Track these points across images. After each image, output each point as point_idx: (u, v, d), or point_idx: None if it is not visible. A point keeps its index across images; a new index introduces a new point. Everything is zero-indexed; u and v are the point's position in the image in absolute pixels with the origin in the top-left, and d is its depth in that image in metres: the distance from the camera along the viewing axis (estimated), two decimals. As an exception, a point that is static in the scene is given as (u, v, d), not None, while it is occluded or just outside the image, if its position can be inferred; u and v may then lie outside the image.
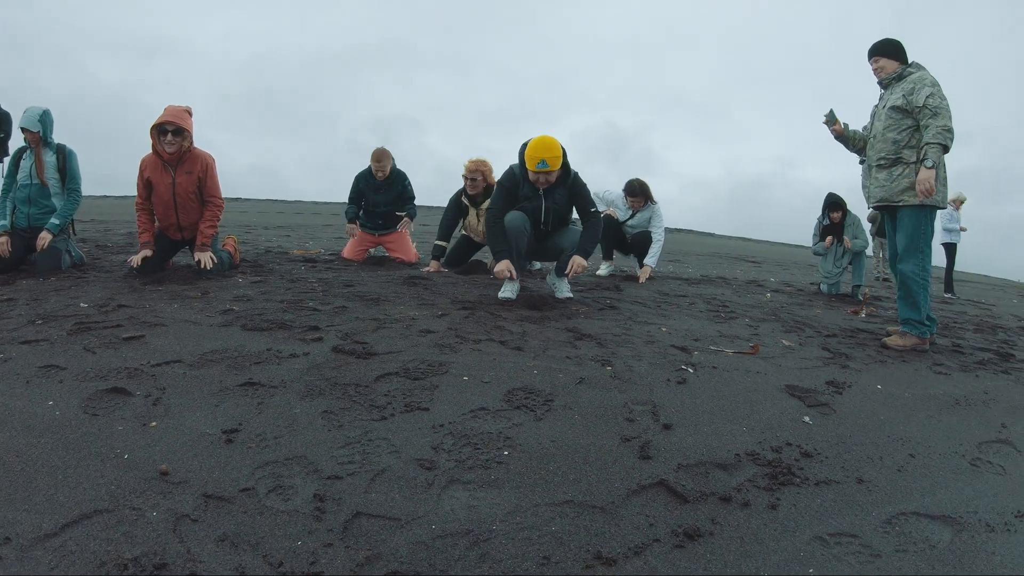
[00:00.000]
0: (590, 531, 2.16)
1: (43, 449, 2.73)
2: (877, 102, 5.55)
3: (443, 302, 5.51)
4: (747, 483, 2.57)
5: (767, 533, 2.25)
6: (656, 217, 8.36)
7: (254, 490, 2.34)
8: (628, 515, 2.25)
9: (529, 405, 3.10)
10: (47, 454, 2.69)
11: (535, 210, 5.79)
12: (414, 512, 2.21)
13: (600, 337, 4.49)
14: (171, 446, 2.67)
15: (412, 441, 2.71)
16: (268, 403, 3.08)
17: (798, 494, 2.54)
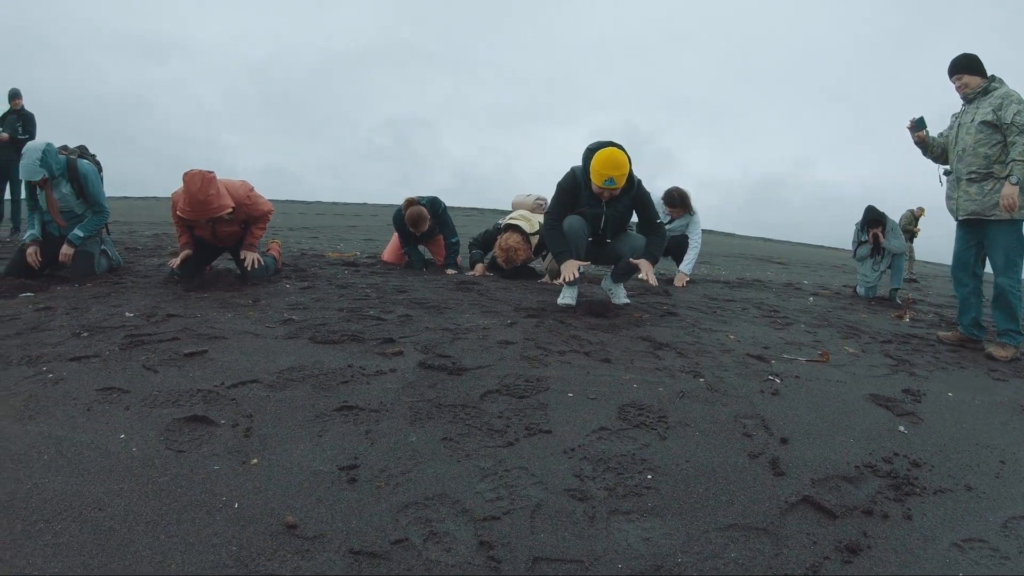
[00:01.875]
0: (766, 554, 2.12)
1: (130, 498, 2.33)
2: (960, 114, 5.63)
3: (506, 310, 5.42)
4: (877, 495, 2.57)
5: (913, 543, 2.27)
6: (694, 225, 8.56)
7: (408, 541, 2.09)
8: (790, 534, 2.23)
9: (647, 423, 3.02)
10: (137, 505, 2.29)
11: (595, 217, 5.65)
12: (592, 551, 2.07)
13: (677, 346, 4.45)
14: (285, 489, 2.38)
15: (551, 469, 2.57)
16: (377, 431, 2.85)
17: (923, 504, 2.56)
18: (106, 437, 2.79)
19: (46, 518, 2.21)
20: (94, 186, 6.47)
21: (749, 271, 11.48)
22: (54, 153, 6.21)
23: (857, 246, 8.97)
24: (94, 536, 2.12)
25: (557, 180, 5.71)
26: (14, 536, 2.11)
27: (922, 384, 4.19)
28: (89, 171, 6.45)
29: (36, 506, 2.28)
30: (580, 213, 5.63)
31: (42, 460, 2.59)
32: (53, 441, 2.74)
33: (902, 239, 8.85)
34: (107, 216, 6.69)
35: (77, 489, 2.38)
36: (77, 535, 2.13)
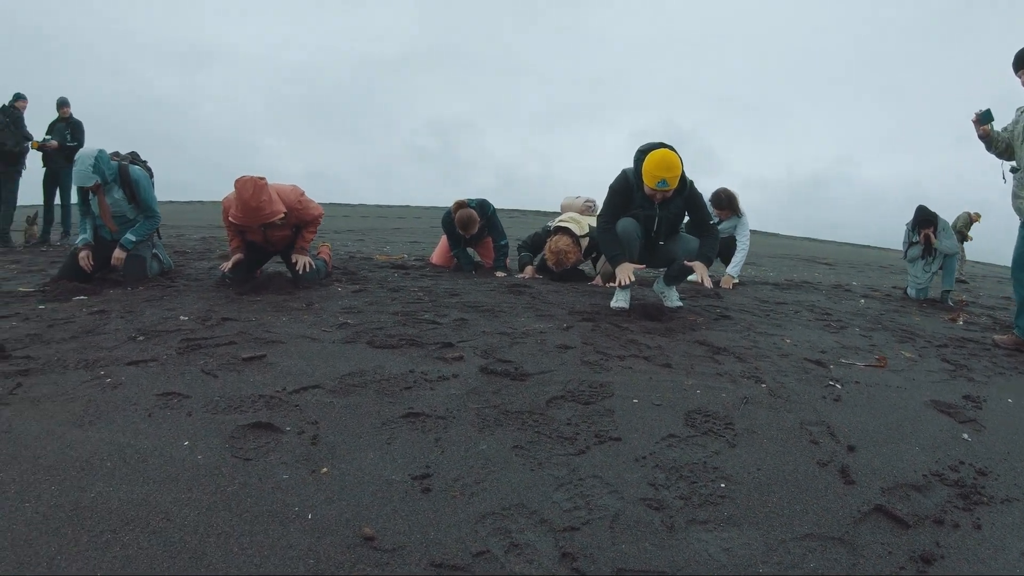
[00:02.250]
0: (844, 564, 2.07)
1: (198, 508, 2.24)
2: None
3: (560, 313, 5.39)
4: (947, 504, 2.51)
5: (985, 553, 2.21)
6: (741, 226, 8.45)
7: (490, 553, 2.01)
8: (865, 544, 2.18)
9: (714, 430, 2.97)
10: (206, 515, 2.20)
11: (648, 219, 5.63)
12: (674, 561, 2.02)
13: (734, 351, 4.41)
14: (359, 499, 2.30)
15: (625, 478, 2.50)
16: (447, 439, 2.79)
17: (991, 513, 2.49)
18: (169, 444, 2.72)
19: (113, 528, 2.13)
20: (145, 191, 6.53)
21: (797, 272, 11.32)
22: (106, 159, 6.27)
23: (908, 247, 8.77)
24: (164, 548, 2.03)
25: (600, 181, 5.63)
26: (80, 548, 2.03)
27: (981, 390, 4.11)
28: (140, 176, 6.50)
29: (102, 515, 2.20)
30: (633, 215, 5.62)
31: (105, 467, 2.52)
32: (115, 448, 2.67)
33: (954, 239, 8.66)
34: (158, 220, 6.75)
35: (143, 498, 2.31)
36: (146, 547, 2.04)
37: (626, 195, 5.58)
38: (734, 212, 8.29)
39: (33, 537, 2.08)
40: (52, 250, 10.17)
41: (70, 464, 2.54)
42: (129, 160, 6.71)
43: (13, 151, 10.41)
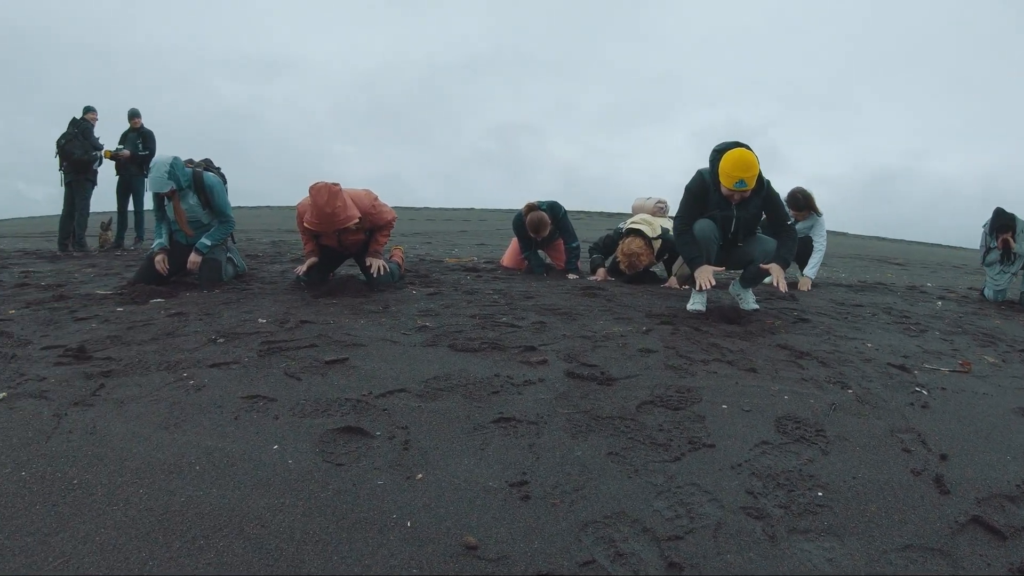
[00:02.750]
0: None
1: (293, 514, 2.18)
2: None
3: (637, 316, 5.32)
4: None
5: None
6: (818, 226, 8.21)
7: (596, 563, 1.97)
8: (964, 556, 2.11)
9: (806, 437, 2.91)
10: (302, 521, 2.14)
11: (725, 220, 5.49)
12: (778, 571, 1.99)
13: (817, 355, 4.31)
14: (457, 507, 2.26)
15: (723, 485, 2.47)
16: (540, 444, 2.74)
17: None
18: (258, 448, 2.67)
19: (206, 534, 2.07)
20: (219, 197, 6.64)
21: (869, 273, 11.01)
22: (181, 166, 6.39)
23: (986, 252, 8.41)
24: (260, 555, 1.97)
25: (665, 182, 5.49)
26: (172, 553, 1.98)
27: (1069, 397, 3.89)
28: (214, 183, 6.61)
29: (193, 521, 2.15)
30: (710, 216, 5.49)
31: (194, 471, 2.48)
32: (203, 451, 2.63)
33: None
34: (232, 225, 6.87)
35: (235, 503, 2.25)
36: (241, 554, 1.98)
37: (702, 196, 5.47)
38: (811, 211, 8.15)
39: (123, 542, 2.04)
40: (126, 254, 10.46)
41: (158, 467, 2.50)
42: (203, 167, 6.85)
43: (82, 159, 10.78)
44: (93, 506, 2.23)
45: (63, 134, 10.83)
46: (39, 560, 1.95)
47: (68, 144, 10.73)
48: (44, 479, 2.42)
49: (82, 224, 11.18)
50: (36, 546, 2.01)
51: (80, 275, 7.58)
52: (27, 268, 8.30)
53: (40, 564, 1.93)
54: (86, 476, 2.43)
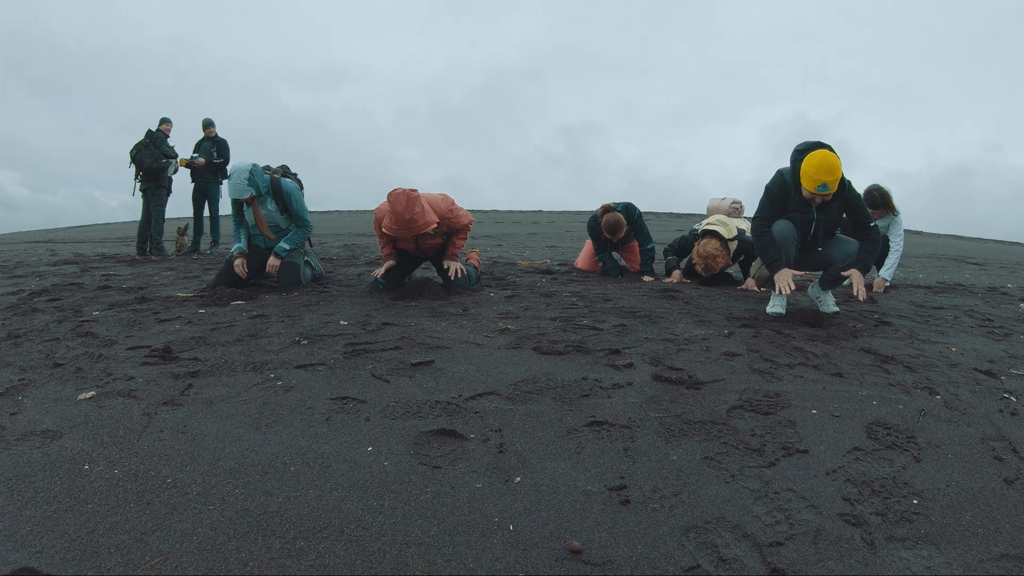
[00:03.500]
0: None
1: (393, 516, 2.17)
2: None
3: (717, 319, 5.27)
4: None
5: None
6: (895, 226, 7.92)
7: (700, 568, 1.97)
8: None
9: (898, 444, 2.87)
10: (402, 524, 2.13)
11: (805, 223, 5.39)
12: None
13: (902, 359, 4.23)
14: (558, 510, 2.25)
15: (819, 492, 2.45)
16: (635, 448, 2.73)
17: None
18: (352, 449, 2.68)
19: (305, 535, 2.07)
20: (297, 202, 6.77)
21: (946, 273, 10.69)
22: (259, 173, 6.54)
23: None
24: (362, 557, 1.96)
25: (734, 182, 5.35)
26: (272, 555, 1.97)
27: None
28: (292, 188, 6.75)
29: (292, 521, 2.15)
30: (789, 218, 5.40)
31: (289, 472, 2.48)
32: (297, 451, 2.65)
33: None
34: (310, 230, 7.00)
35: (333, 504, 2.25)
36: (343, 556, 1.97)
37: (783, 197, 5.37)
38: (888, 210, 7.89)
39: (221, 541, 2.04)
40: (203, 258, 10.84)
41: (252, 467, 2.52)
42: (281, 173, 6.99)
43: (152, 168, 11.25)
44: (189, 505, 2.25)
45: (136, 144, 11.33)
46: (136, 559, 1.96)
47: (140, 153, 11.21)
48: (137, 477, 2.45)
49: (159, 229, 11.62)
50: (132, 544, 2.03)
51: (160, 278, 7.79)
52: (108, 272, 8.58)
53: (137, 562, 1.94)
54: (180, 475, 2.46)
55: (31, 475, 2.47)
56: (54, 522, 2.15)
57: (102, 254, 11.80)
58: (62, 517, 2.18)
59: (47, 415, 3.08)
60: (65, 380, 3.61)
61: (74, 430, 2.89)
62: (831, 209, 5.37)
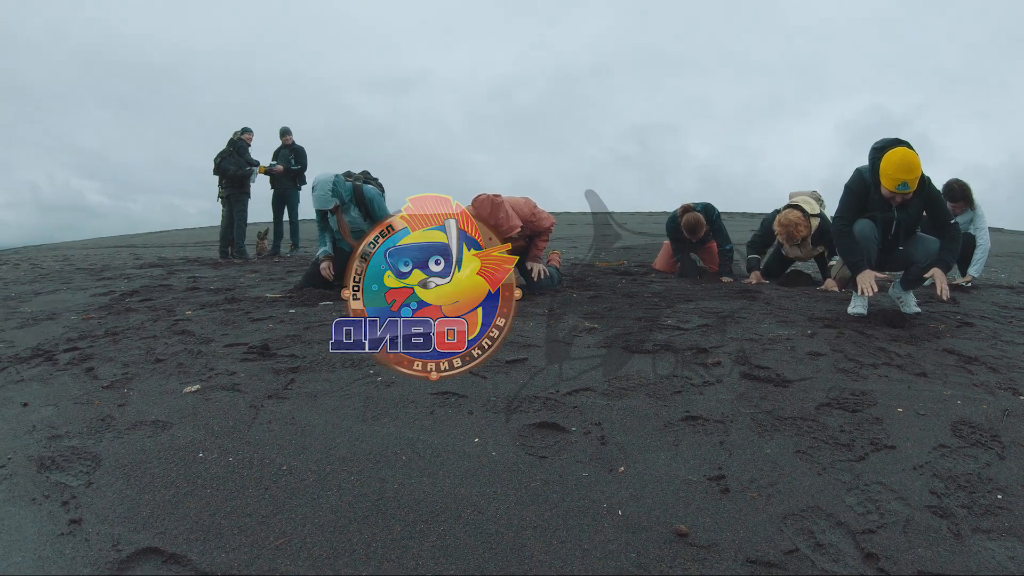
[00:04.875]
0: None
1: (506, 502, 2.32)
2: None
3: (800, 319, 5.27)
4: None
5: None
6: (978, 219, 7.76)
7: (799, 552, 2.09)
8: None
9: (982, 442, 2.90)
10: (517, 509, 2.28)
11: (885, 222, 5.31)
12: (967, 566, 2.05)
13: (985, 360, 4.16)
14: (662, 497, 2.39)
15: (907, 485, 2.52)
16: (730, 442, 2.84)
17: None
18: (459, 440, 2.82)
19: (424, 519, 2.22)
20: (380, 209, 6.99)
21: None
22: (342, 182, 6.80)
23: None
24: (482, 539, 2.10)
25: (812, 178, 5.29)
26: (394, 536, 2.12)
27: None
28: (374, 195, 7.00)
29: (409, 506, 2.29)
30: (870, 217, 5.33)
31: (400, 460, 2.63)
32: (406, 442, 2.79)
33: None
34: None
35: (447, 491, 2.40)
36: (464, 538, 2.11)
37: (863, 196, 5.31)
38: (969, 204, 7.76)
39: (342, 525, 2.19)
40: (284, 261, 11.25)
41: (364, 456, 2.67)
42: (362, 179, 7.22)
43: (236, 175, 11.84)
44: (306, 491, 2.41)
45: (220, 152, 11.91)
46: (259, 539, 2.12)
47: (224, 161, 11.78)
48: (252, 464, 2.63)
49: (240, 233, 12.18)
50: (255, 526, 2.20)
51: (245, 280, 8.12)
52: (193, 274, 8.97)
53: (261, 543, 2.10)
54: (294, 463, 2.62)
55: (145, 462, 2.67)
56: (174, 506, 2.34)
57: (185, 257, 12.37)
58: (182, 501, 2.36)
59: (155, 406, 3.28)
60: (168, 375, 3.82)
61: (183, 420, 3.08)
62: (911, 207, 5.34)
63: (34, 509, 2.34)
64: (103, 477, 2.56)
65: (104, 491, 2.45)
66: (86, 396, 3.48)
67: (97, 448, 2.81)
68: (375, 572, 1.95)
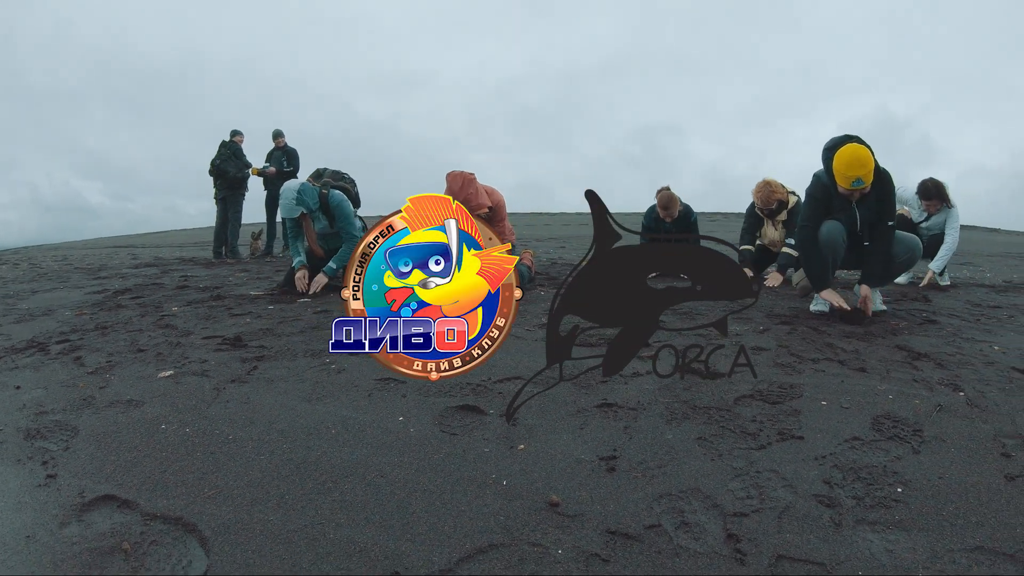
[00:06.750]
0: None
1: (409, 470, 2.66)
2: None
3: (758, 316, 5.43)
4: None
5: None
6: (952, 219, 7.68)
7: (661, 527, 2.23)
8: None
9: (901, 435, 2.97)
10: (415, 475, 2.62)
11: (849, 220, 5.35)
12: (834, 555, 2.10)
13: (936, 357, 4.24)
14: (549, 473, 2.61)
15: (801, 474, 2.60)
16: (635, 427, 3.02)
17: None
18: (386, 418, 3.16)
19: (334, 479, 2.58)
20: (344, 215, 7.14)
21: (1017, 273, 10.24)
22: (308, 191, 6.93)
23: None
24: (376, 497, 2.45)
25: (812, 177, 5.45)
26: (306, 491, 2.49)
27: None
28: (339, 201, 7.13)
29: (325, 470, 2.66)
30: (835, 218, 5.37)
31: (330, 433, 3.00)
32: (339, 419, 3.16)
33: None
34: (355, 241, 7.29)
35: (361, 459, 2.75)
36: (361, 495, 2.46)
37: (825, 200, 5.36)
38: (944, 202, 7.73)
39: (266, 482, 2.58)
40: (276, 261, 11.71)
41: (299, 430, 3.04)
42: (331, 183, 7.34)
43: (236, 177, 12.32)
44: (244, 455, 2.80)
45: (216, 155, 12.31)
46: (196, 489, 2.53)
47: (223, 164, 12.21)
48: (204, 434, 3.02)
49: (235, 234, 12.60)
50: (195, 481, 2.59)
51: (234, 279, 8.54)
52: (186, 273, 9.41)
53: (197, 493, 2.50)
54: (240, 434, 3.01)
55: (116, 432, 3.07)
56: (133, 465, 2.73)
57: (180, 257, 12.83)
58: (140, 461, 2.76)
59: (131, 389, 3.68)
60: (147, 362, 4.22)
61: (154, 400, 3.48)
62: (870, 202, 5.35)
63: (18, 468, 2.75)
64: (79, 444, 2.96)
65: (78, 454, 2.85)
66: (72, 380, 3.88)
67: (77, 422, 3.21)
68: (282, 518, 2.31)
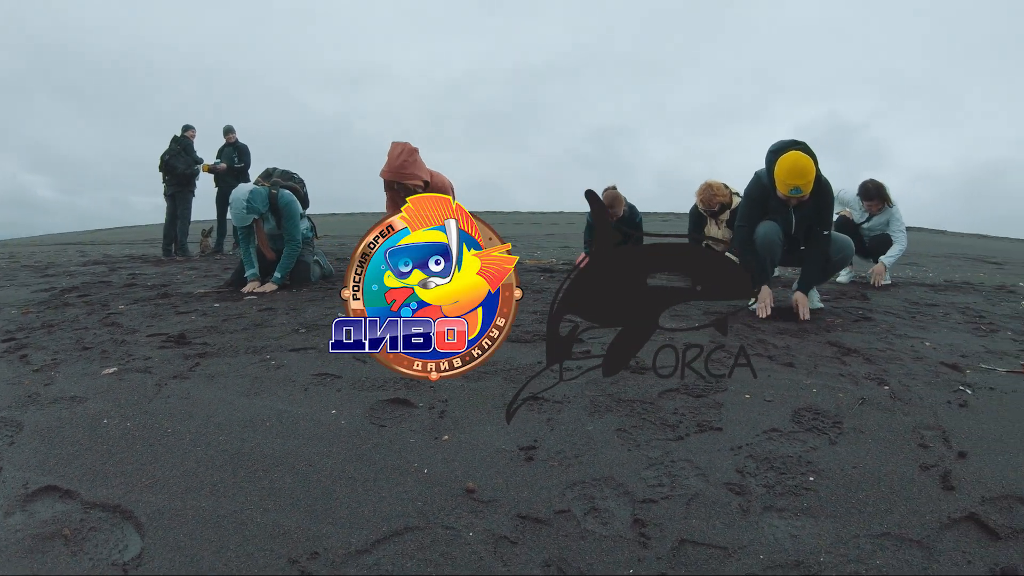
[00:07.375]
0: (912, 566, 2.07)
1: (336, 460, 2.80)
2: None
3: (694, 313, 5.50)
4: None
5: None
6: (895, 220, 7.86)
7: (570, 512, 2.33)
8: (944, 550, 2.15)
9: (820, 427, 3.05)
10: (341, 465, 2.76)
11: (785, 221, 5.44)
12: (738, 540, 2.17)
13: (866, 352, 4.37)
14: (470, 462, 2.72)
15: (715, 464, 2.69)
16: (558, 419, 3.12)
17: None
18: (319, 411, 3.31)
19: (265, 468, 2.73)
20: (290, 219, 7.24)
21: (959, 272, 10.57)
22: (258, 194, 7.03)
23: None
24: (303, 485, 2.59)
25: None
26: (237, 480, 2.64)
27: None
28: (287, 203, 7.24)
29: (256, 460, 2.81)
30: (772, 218, 5.48)
31: (264, 426, 3.14)
32: (275, 412, 3.30)
33: None
34: (298, 247, 7.40)
35: (293, 449, 2.90)
36: (289, 483, 2.61)
37: (763, 201, 5.46)
38: (885, 202, 7.93)
39: (200, 471, 2.72)
40: (225, 258, 11.72)
41: (236, 423, 3.18)
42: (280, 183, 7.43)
43: (185, 173, 12.35)
44: (181, 447, 2.94)
45: (167, 150, 12.31)
46: (134, 479, 2.66)
47: (172, 159, 12.22)
48: (144, 428, 3.15)
49: (184, 231, 12.62)
50: (134, 471, 2.72)
51: (182, 277, 8.61)
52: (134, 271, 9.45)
53: (134, 483, 2.63)
54: (178, 427, 3.14)
55: (60, 427, 3.17)
56: (75, 457, 2.85)
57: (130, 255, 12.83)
58: (81, 454, 2.88)
59: (75, 385, 3.78)
60: (92, 360, 4.32)
61: (97, 396, 3.59)
62: (809, 207, 5.41)
63: (-36, 463, 2.86)
64: (23, 439, 3.06)
65: (23, 448, 2.95)
66: (17, 378, 3.96)
67: (22, 418, 3.31)
68: (213, 504, 2.46)
